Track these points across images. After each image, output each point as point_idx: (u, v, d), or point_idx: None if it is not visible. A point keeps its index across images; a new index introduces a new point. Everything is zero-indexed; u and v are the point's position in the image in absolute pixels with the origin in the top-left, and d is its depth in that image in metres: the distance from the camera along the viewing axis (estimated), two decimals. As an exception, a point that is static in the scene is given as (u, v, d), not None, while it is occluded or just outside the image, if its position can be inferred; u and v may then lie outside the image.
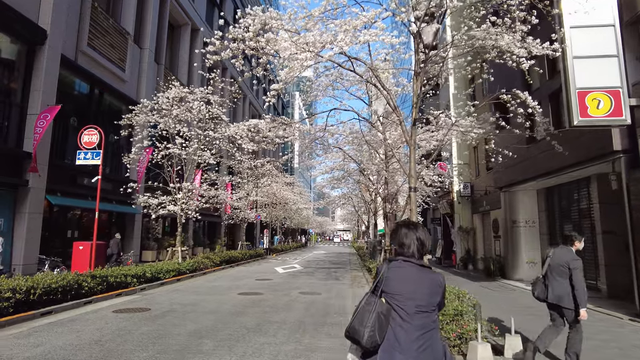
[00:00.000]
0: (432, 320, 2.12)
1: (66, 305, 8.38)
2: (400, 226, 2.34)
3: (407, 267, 2.20)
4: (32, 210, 13.73)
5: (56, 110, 14.24)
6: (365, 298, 2.18)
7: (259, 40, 7.76)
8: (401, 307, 2.10)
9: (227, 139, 16.16)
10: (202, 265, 15.67)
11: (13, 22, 13.52)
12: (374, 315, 2.06)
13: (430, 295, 2.13)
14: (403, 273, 2.18)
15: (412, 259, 2.21)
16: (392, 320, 2.09)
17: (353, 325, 2.11)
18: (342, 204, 29.17)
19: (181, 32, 27.43)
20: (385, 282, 2.17)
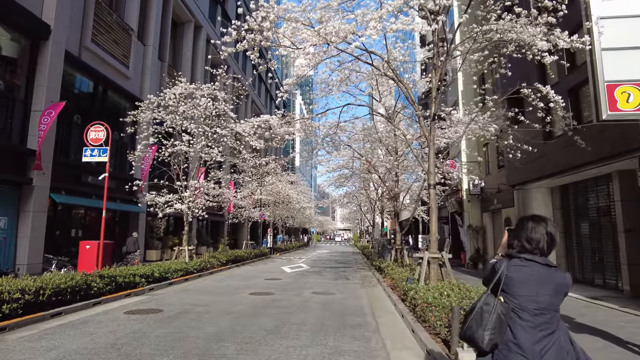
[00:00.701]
0: (556, 319, 1.97)
1: (75, 306, 8.11)
2: (527, 220, 2.12)
3: (531, 267, 2.01)
4: (36, 209, 13.45)
5: (60, 106, 13.96)
6: (483, 298, 2.02)
7: (277, 31, 7.46)
8: (522, 307, 1.97)
9: (234, 137, 15.89)
10: (208, 264, 15.40)
11: (16, 16, 13.23)
12: (494, 317, 1.93)
13: (554, 296, 1.97)
14: (526, 273, 2.00)
15: (536, 258, 2.02)
16: (511, 321, 1.96)
17: (470, 327, 1.99)
18: (347, 202, 28.85)
19: (184, 29, 27.13)
20: (505, 282, 2.01)
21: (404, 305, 8.57)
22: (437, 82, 9.27)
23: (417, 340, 6.17)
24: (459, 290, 7.50)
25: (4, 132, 13.37)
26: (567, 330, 2.01)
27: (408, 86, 9.84)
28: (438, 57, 9.33)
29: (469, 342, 2.03)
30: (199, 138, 14.09)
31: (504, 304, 1.97)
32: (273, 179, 25.29)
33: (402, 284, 10.17)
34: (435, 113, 9.32)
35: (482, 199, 17.96)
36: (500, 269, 2.04)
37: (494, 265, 2.12)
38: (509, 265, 2.03)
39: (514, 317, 1.96)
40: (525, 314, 1.95)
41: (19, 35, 13.97)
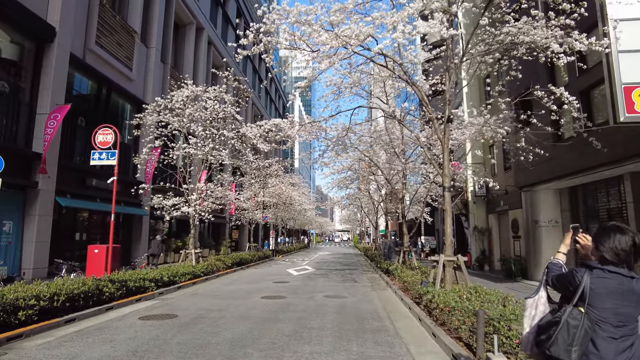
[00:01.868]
0: (636, 330, 1.95)
1: (88, 312, 8.01)
2: (612, 229, 2.04)
3: (615, 279, 1.95)
4: (42, 213, 13.33)
5: (66, 109, 13.86)
6: (568, 311, 1.94)
7: (294, 34, 7.40)
8: (604, 319, 1.93)
9: (240, 139, 15.81)
10: (215, 267, 15.30)
11: (22, 19, 13.13)
12: (582, 332, 1.88)
13: (636, 307, 1.94)
14: (611, 285, 1.94)
15: (621, 270, 1.96)
16: (594, 333, 1.92)
17: (556, 342, 1.90)
18: (349, 204, 28.81)
19: (186, 31, 27.02)
20: (590, 294, 1.94)
21: (420, 309, 8.52)
22: (451, 84, 9.26)
23: (441, 345, 6.12)
24: (478, 294, 7.47)
25: (10, 135, 13.25)
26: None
27: (421, 89, 9.80)
28: (452, 60, 9.31)
29: (551, 357, 1.94)
30: (206, 140, 13.98)
31: (588, 317, 1.92)
32: (276, 181, 25.20)
33: (416, 287, 10.13)
34: (450, 115, 9.30)
35: (487, 200, 17.96)
36: (583, 280, 1.97)
37: (574, 274, 2.03)
38: (592, 277, 1.97)
39: (596, 329, 1.92)
40: (607, 326, 1.91)
41: (24, 38, 13.87)
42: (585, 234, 2.24)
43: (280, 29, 7.46)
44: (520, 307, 6.35)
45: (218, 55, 32.01)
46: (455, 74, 9.30)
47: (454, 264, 8.88)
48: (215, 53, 31.31)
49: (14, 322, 6.41)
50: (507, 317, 5.68)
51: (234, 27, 36.88)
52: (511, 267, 14.27)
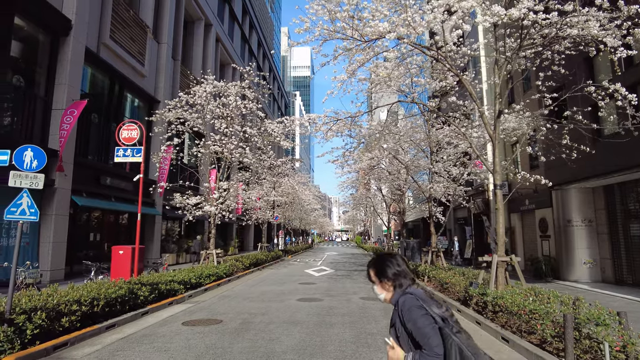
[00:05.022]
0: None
1: (126, 317, 7.54)
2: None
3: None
4: (59, 212, 12.81)
5: (83, 105, 13.34)
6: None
7: (354, 22, 6.99)
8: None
9: (261, 136, 15.35)
10: (235, 268, 14.84)
11: (37, 9, 12.59)
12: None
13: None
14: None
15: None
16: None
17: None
18: (357, 204, 28.40)
19: (195, 27, 26.52)
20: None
21: (472, 311, 8.15)
22: (500, 78, 8.88)
23: (519, 350, 5.73)
24: (541, 296, 7.08)
25: (25, 131, 12.70)
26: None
27: (469, 82, 9.42)
28: (499, 53, 8.94)
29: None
30: (230, 138, 13.50)
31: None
32: (288, 180, 24.73)
33: (456, 287, 9.77)
34: (501, 110, 8.92)
35: (510, 199, 17.57)
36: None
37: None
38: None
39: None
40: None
41: (40, 30, 13.32)
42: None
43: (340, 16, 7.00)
44: (598, 310, 5.97)
45: (225, 53, 31.52)
46: (505, 68, 8.90)
47: (507, 265, 8.50)
48: (222, 50, 30.81)
49: (57, 329, 5.94)
50: (599, 320, 5.29)
51: (240, 25, 36.40)
52: (541, 267, 13.94)
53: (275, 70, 54.30)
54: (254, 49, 41.80)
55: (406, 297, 1.96)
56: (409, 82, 10.44)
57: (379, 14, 7.38)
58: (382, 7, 7.55)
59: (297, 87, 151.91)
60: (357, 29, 7.30)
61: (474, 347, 1.82)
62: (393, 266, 2.09)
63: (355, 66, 9.09)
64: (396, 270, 2.07)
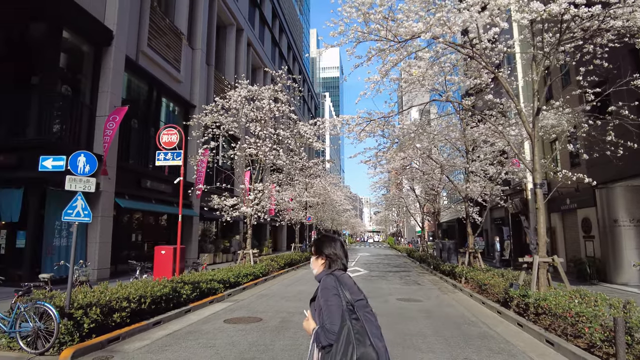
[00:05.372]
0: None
1: (171, 315, 7.84)
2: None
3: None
4: (104, 214, 13.43)
5: (124, 111, 13.93)
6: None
7: (388, 23, 7.01)
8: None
9: (293, 138, 15.55)
10: (270, 268, 15.10)
11: (83, 22, 13.27)
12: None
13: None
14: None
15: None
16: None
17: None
18: (389, 205, 28.18)
19: (227, 32, 27.13)
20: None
21: (513, 313, 7.97)
22: (539, 74, 8.65)
23: (566, 354, 5.58)
24: (587, 298, 6.85)
25: (73, 137, 13.42)
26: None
27: (505, 79, 9.23)
28: (537, 48, 8.72)
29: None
30: (264, 140, 13.76)
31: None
32: (320, 181, 24.88)
33: (496, 289, 9.56)
34: (540, 107, 8.69)
35: (551, 198, 16.99)
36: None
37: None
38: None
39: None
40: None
41: (84, 42, 14.03)
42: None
43: (359, 21, 7.06)
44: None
45: (257, 57, 32.07)
46: (543, 64, 8.66)
47: (549, 265, 8.27)
48: (254, 54, 31.37)
49: (110, 324, 6.27)
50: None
51: (270, 29, 36.93)
52: (585, 268, 13.40)
53: (305, 72, 54.73)
54: (284, 52, 42.30)
55: (328, 277, 2.19)
56: (442, 81, 10.31)
57: (413, 14, 7.37)
58: (415, 6, 7.54)
59: (326, 88, 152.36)
60: (391, 30, 7.32)
61: (362, 334, 2.01)
62: (331, 248, 2.32)
63: (389, 66, 9.09)
64: (332, 252, 2.31)
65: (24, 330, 5.38)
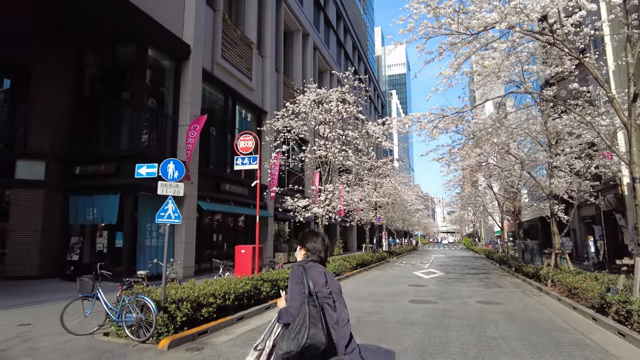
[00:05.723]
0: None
1: (252, 311, 8.25)
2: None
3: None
4: (189, 216, 14.44)
5: (203, 120, 14.87)
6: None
7: (459, 16, 6.79)
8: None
9: (362, 138, 15.55)
10: (343, 268, 15.22)
11: (165, 40, 14.39)
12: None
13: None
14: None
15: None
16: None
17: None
18: (465, 204, 27.00)
19: (293, 38, 27.86)
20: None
21: (612, 321, 7.26)
22: (635, 57, 7.81)
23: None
24: None
25: (160, 146, 14.64)
26: None
27: (593, 65, 8.47)
28: (639, 27, 7.88)
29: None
30: (333, 142, 13.94)
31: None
32: (390, 181, 24.58)
33: (589, 294, 8.77)
34: (637, 93, 7.85)
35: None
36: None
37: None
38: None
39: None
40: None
41: (166, 57, 15.24)
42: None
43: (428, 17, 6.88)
44: None
45: (323, 60, 32.56)
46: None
47: (654, 268, 7.40)
48: (320, 57, 31.87)
49: (199, 318, 6.75)
50: None
51: (335, 31, 37.27)
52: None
53: (370, 71, 54.44)
54: (349, 52, 42.44)
55: (297, 267, 2.54)
56: (519, 71, 9.68)
57: (485, 4, 7.05)
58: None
59: (392, 85, 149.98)
60: (462, 22, 7.06)
61: (316, 319, 2.32)
62: (312, 241, 2.66)
63: (461, 60, 8.78)
64: (312, 245, 2.65)
65: (128, 320, 6.01)
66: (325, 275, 2.54)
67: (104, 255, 13.23)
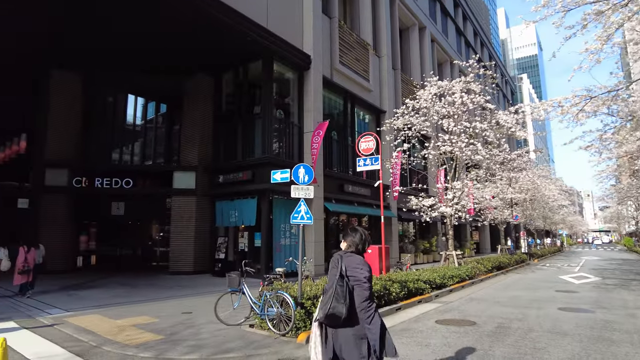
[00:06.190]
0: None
1: (382, 312, 8.19)
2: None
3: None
4: (316, 217, 15.06)
5: (325, 125, 15.42)
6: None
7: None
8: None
9: (491, 129, 14.36)
10: (477, 271, 14.23)
11: (288, 54, 15.33)
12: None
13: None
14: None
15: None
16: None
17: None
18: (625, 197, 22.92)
19: (409, 33, 27.23)
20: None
21: None
22: None
23: None
24: None
25: (288, 153, 15.68)
26: None
27: None
28: None
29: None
30: (459, 136, 13.17)
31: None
32: (527, 174, 22.20)
33: None
34: None
35: None
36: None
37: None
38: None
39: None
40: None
41: (289, 69, 16.26)
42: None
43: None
44: None
45: (441, 51, 31.15)
46: None
47: None
48: (438, 49, 30.55)
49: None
50: None
51: (453, 19, 35.34)
52: None
53: (495, 56, 50.19)
54: (470, 40, 39.78)
55: (337, 255, 3.18)
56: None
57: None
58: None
59: (522, 69, 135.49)
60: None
61: (340, 296, 2.93)
62: (351, 236, 3.26)
63: (612, 30, 7.54)
64: (351, 239, 3.24)
65: (270, 314, 6.54)
66: (360, 264, 3.09)
67: (246, 254, 14.66)
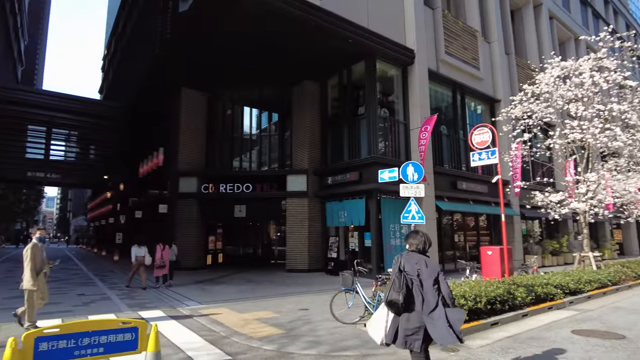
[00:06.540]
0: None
1: (507, 317, 7.56)
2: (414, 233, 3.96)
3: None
4: (428, 217, 14.45)
5: (433, 120, 14.80)
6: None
7: None
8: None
9: (635, 110, 12.28)
10: (622, 275, 12.26)
11: (391, 51, 15.10)
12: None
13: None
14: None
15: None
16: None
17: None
18: None
19: (522, 13, 24.76)
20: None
21: None
22: None
23: None
24: None
25: (394, 152, 15.43)
26: None
27: None
28: None
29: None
30: (592, 121, 11.54)
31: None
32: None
33: None
34: None
35: None
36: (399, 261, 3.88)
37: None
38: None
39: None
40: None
41: (392, 66, 16.00)
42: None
43: None
44: None
45: (563, 28, 27.67)
46: None
47: None
48: (558, 25, 27.18)
49: (451, 320, 6.64)
50: None
51: (576, -13, 31.12)
52: None
53: (635, 24, 42.84)
54: (599, 10, 34.55)
55: (399, 255, 3.85)
56: None
57: None
58: None
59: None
60: None
61: (398, 286, 3.54)
62: (412, 238, 3.87)
63: None
64: (411, 241, 3.86)
65: (384, 315, 6.47)
66: (418, 261, 3.67)
67: (356, 254, 14.80)
